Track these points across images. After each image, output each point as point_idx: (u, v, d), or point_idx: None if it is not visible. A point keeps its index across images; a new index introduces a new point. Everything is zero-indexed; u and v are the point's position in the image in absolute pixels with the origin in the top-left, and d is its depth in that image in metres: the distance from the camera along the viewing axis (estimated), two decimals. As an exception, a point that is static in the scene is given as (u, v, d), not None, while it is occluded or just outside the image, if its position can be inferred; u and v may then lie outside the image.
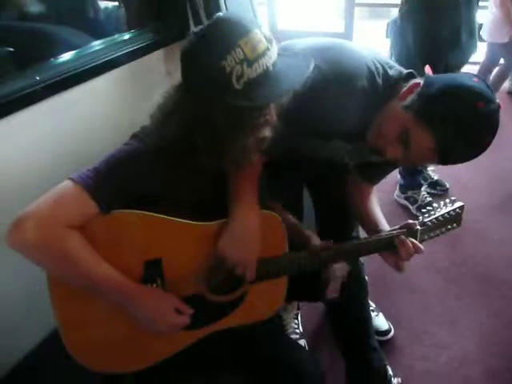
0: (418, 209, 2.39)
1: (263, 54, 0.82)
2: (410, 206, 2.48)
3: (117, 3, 1.88)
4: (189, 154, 0.92)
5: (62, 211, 0.85)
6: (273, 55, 0.85)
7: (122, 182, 0.89)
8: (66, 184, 0.87)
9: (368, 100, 1.05)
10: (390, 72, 1.08)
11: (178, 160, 0.93)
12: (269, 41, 0.84)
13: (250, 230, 1.00)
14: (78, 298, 0.93)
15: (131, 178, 0.90)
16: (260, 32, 0.83)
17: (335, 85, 1.03)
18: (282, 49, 0.89)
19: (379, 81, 1.06)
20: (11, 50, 1.25)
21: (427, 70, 1.11)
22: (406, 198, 2.52)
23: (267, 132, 0.91)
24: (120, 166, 0.90)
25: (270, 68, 0.84)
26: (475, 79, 0.96)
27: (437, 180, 2.63)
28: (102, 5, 1.84)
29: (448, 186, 2.61)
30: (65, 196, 0.86)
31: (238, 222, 0.99)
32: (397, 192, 2.58)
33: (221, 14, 0.85)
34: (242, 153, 0.92)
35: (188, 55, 0.85)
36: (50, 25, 1.48)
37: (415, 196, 2.49)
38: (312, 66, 0.87)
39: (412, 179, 2.48)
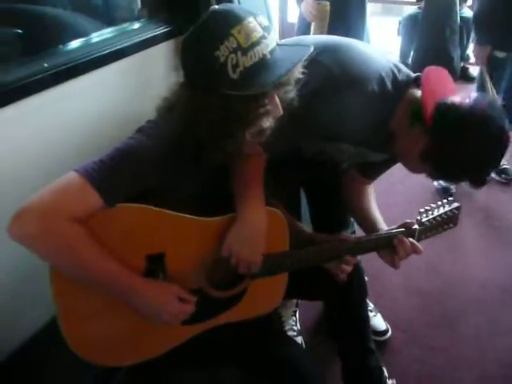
0: None
1: (258, 42, 0.82)
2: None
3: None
4: (193, 148, 0.92)
5: (66, 203, 0.84)
6: (270, 43, 0.84)
7: (127, 176, 0.89)
8: (71, 176, 0.86)
9: (377, 104, 1.04)
10: (399, 76, 1.07)
11: (183, 154, 0.93)
12: (265, 29, 0.83)
13: (257, 228, 1.00)
14: (79, 291, 0.93)
15: (136, 173, 0.90)
16: (254, 20, 0.82)
17: (345, 87, 1.02)
18: (291, 43, 0.88)
19: (389, 85, 1.05)
20: (19, 32, 1.24)
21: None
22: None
23: (268, 122, 0.90)
24: (125, 160, 0.89)
25: (268, 56, 0.83)
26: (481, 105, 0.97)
27: (504, 168, 2.60)
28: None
29: None
30: (69, 188, 0.85)
31: (246, 220, 0.99)
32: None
33: (215, 6, 0.85)
34: (242, 145, 0.91)
35: (183, 49, 0.86)
36: (61, 10, 1.47)
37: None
38: (311, 51, 0.86)
39: None
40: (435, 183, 2.53)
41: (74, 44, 1.33)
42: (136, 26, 1.55)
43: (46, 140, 1.19)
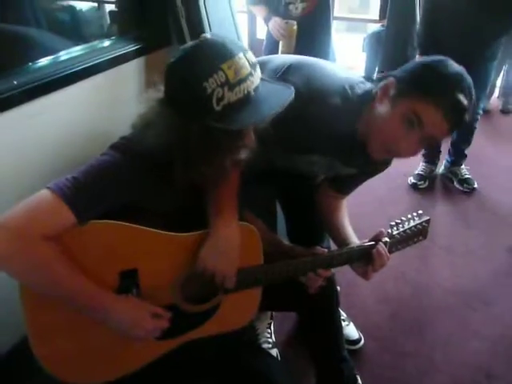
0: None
1: (245, 78, 0.84)
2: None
3: (96, 4, 1.88)
4: (166, 168, 0.93)
5: (38, 221, 0.83)
6: (255, 80, 0.87)
7: (100, 193, 0.89)
8: (44, 193, 0.86)
9: (342, 116, 1.09)
10: (363, 86, 1.12)
11: (156, 172, 0.94)
12: (252, 66, 0.86)
13: (231, 242, 1.02)
14: (50, 308, 0.92)
15: (109, 190, 0.90)
16: (244, 57, 0.85)
17: (310, 102, 1.06)
18: (259, 64, 0.91)
19: (352, 97, 1.10)
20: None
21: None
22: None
23: (243, 155, 0.94)
24: (99, 177, 0.89)
25: (252, 93, 0.86)
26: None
27: (467, 178, 2.75)
28: (84, 7, 1.82)
29: (476, 185, 2.73)
30: (41, 206, 0.85)
31: (220, 234, 1.00)
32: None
33: (208, 35, 0.87)
34: (216, 172, 0.94)
35: (171, 72, 0.87)
36: (28, 28, 1.47)
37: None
38: (293, 95, 0.90)
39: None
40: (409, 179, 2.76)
41: (44, 61, 1.33)
42: (106, 43, 1.56)
43: (17, 157, 1.18)
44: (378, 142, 1.07)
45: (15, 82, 1.16)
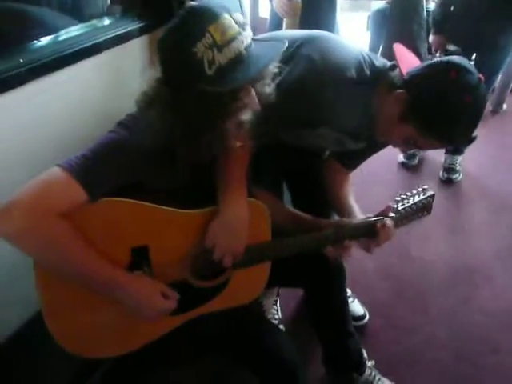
0: None
1: (233, 38, 0.84)
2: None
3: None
4: (173, 145, 0.93)
5: (52, 199, 0.84)
6: (245, 39, 0.86)
7: (109, 169, 0.90)
8: (55, 171, 0.86)
9: (357, 89, 1.09)
10: (376, 63, 1.12)
11: (164, 149, 0.94)
12: (240, 25, 0.85)
13: (240, 219, 1.02)
14: (64, 284, 0.93)
15: (119, 166, 0.91)
16: (230, 17, 0.84)
17: (326, 74, 1.06)
18: (266, 38, 0.90)
19: (367, 71, 1.10)
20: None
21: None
22: None
23: (245, 116, 0.92)
24: (107, 154, 0.90)
25: (243, 52, 0.85)
26: (452, 72, 1.02)
27: (449, 167, 2.67)
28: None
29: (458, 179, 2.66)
30: (54, 183, 0.85)
31: (229, 211, 1.01)
32: None
33: (192, 2, 0.87)
34: (220, 139, 0.93)
35: (161, 45, 0.87)
36: (29, 5, 1.45)
37: None
38: (286, 46, 0.89)
39: None
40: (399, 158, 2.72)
41: (47, 40, 1.32)
42: (110, 21, 1.54)
43: (25, 135, 1.18)
44: (380, 137, 1.20)
45: (21, 61, 1.15)
